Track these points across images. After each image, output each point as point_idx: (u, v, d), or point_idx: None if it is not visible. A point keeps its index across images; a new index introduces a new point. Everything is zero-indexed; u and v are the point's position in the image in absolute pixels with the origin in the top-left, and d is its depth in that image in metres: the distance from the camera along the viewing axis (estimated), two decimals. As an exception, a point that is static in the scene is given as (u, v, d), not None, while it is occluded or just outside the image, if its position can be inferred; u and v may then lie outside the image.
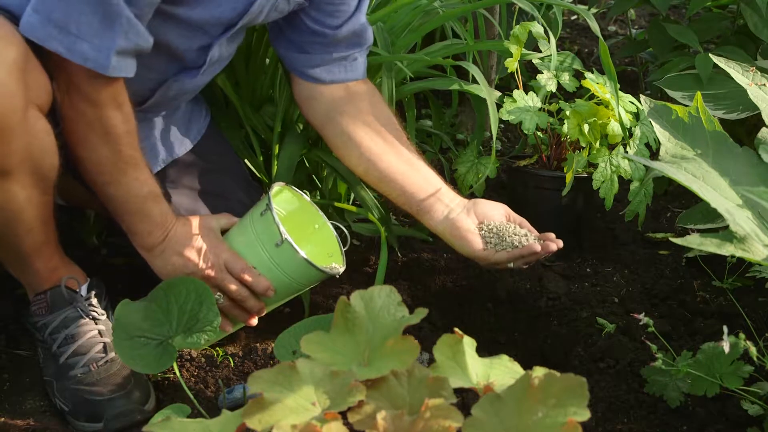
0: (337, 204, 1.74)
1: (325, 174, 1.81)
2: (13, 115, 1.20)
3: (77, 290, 1.44)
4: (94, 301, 1.45)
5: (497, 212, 1.49)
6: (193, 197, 1.58)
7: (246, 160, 1.73)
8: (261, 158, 1.74)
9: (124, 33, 1.21)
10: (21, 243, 1.37)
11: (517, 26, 1.77)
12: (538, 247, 1.43)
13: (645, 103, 1.43)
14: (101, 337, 1.43)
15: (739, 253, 1.10)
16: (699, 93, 1.41)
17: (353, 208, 1.73)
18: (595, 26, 1.68)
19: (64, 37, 1.20)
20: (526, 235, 1.45)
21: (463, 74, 1.90)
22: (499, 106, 1.77)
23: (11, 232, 1.34)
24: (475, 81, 1.77)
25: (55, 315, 1.42)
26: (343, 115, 1.54)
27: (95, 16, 1.19)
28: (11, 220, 1.31)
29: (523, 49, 1.78)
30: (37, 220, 1.34)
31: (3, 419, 1.38)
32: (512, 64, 1.78)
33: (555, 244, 1.45)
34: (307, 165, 1.78)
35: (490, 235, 1.46)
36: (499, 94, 1.85)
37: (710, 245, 1.10)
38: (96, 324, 1.44)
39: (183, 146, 1.60)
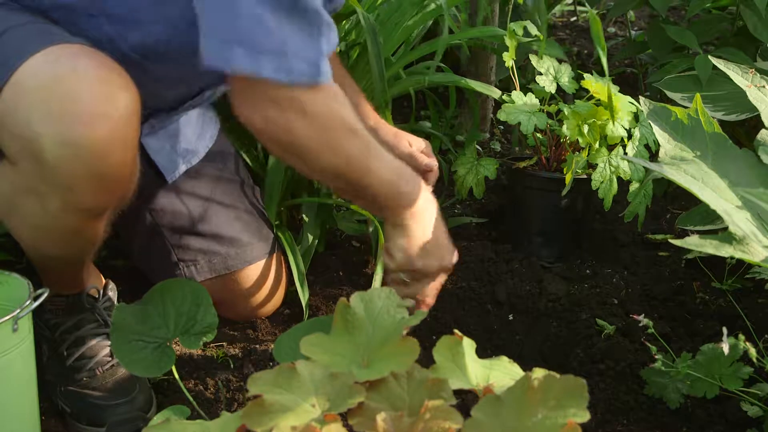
0: (324, 199, 1.74)
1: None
2: (124, 168, 1.17)
3: (97, 297, 1.45)
4: (109, 304, 1.46)
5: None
6: (206, 206, 1.60)
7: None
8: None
9: (326, 38, 1.16)
10: (80, 260, 1.38)
11: (513, 23, 1.79)
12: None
13: (644, 105, 1.43)
14: (109, 340, 1.43)
15: (738, 255, 1.10)
16: (698, 94, 1.41)
17: (356, 206, 1.72)
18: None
19: (279, 62, 1.11)
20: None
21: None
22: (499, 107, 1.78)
23: (79, 254, 1.35)
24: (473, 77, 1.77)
25: (70, 317, 1.42)
26: None
27: (303, 31, 1.12)
28: (85, 247, 1.33)
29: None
30: (101, 241, 1.35)
31: (2, 420, 1.38)
32: (509, 59, 1.78)
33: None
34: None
35: None
36: (500, 92, 1.85)
37: (709, 247, 1.10)
38: (107, 327, 1.44)
39: (196, 156, 1.61)
